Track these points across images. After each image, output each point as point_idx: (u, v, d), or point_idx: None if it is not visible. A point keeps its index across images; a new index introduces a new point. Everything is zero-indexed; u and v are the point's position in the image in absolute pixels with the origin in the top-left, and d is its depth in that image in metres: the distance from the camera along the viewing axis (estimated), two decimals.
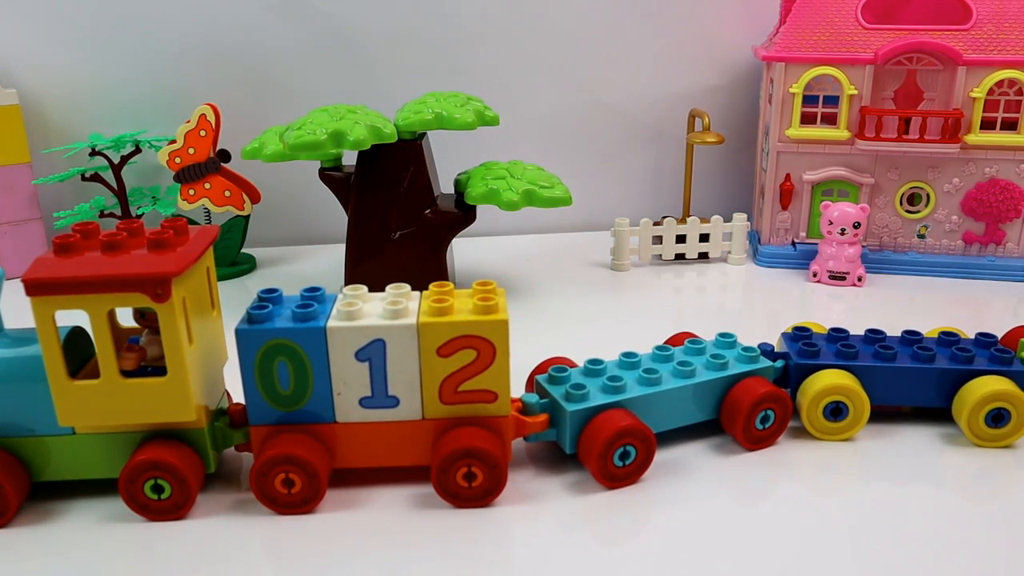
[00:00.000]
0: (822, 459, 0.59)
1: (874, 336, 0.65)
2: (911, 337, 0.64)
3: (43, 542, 0.51)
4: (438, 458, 0.52)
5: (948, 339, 0.64)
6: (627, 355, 0.61)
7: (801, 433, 0.62)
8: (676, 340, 0.67)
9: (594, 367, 0.59)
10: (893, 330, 0.66)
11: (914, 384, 0.61)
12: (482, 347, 0.52)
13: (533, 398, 0.57)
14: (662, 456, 0.59)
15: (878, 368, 0.61)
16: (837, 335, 0.66)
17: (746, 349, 0.62)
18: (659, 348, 0.63)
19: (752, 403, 0.58)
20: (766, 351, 0.64)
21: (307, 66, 1.07)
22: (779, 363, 0.62)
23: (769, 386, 0.59)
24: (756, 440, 0.59)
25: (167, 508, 0.52)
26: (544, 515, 0.53)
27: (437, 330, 0.52)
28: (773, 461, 0.59)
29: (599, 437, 0.54)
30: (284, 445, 0.52)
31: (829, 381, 0.60)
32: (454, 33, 1.08)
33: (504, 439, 0.54)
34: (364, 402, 0.53)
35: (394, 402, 0.53)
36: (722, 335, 0.64)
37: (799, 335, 0.66)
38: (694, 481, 0.56)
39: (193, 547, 0.51)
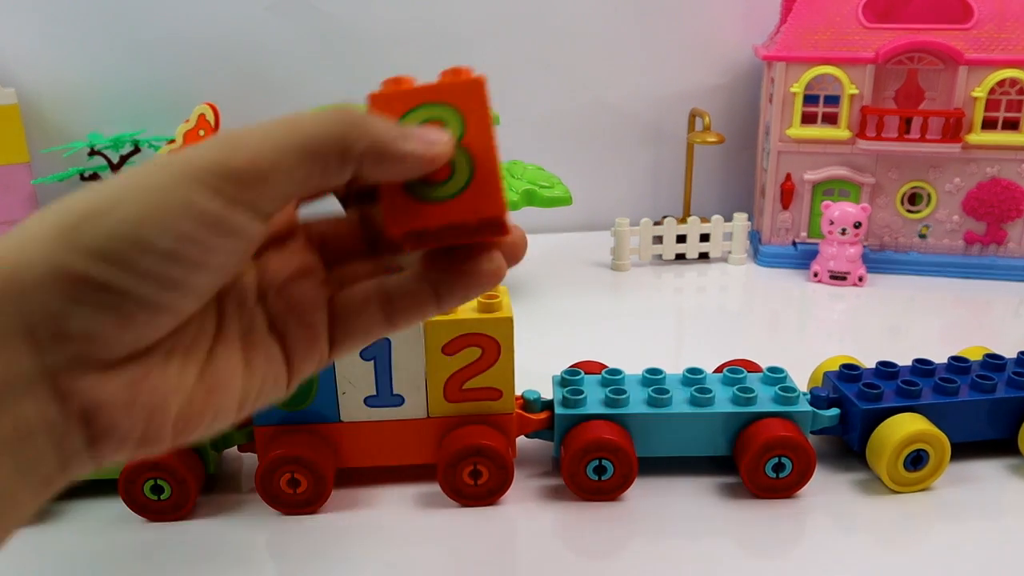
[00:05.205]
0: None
1: (924, 367, 0.59)
2: (959, 364, 0.59)
3: (43, 542, 0.51)
4: (446, 455, 0.52)
5: (996, 363, 0.60)
6: (651, 371, 0.58)
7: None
8: (732, 364, 0.61)
9: (612, 376, 0.58)
10: (897, 335, 0.64)
11: (981, 418, 0.57)
12: (487, 345, 0.52)
13: (535, 395, 0.57)
14: (677, 474, 0.57)
15: (948, 405, 0.56)
16: (886, 370, 0.59)
17: (785, 388, 0.55)
18: (689, 370, 0.58)
19: (762, 446, 0.52)
20: (819, 397, 0.57)
21: (307, 66, 1.06)
22: (833, 411, 0.56)
23: (792, 432, 0.53)
24: (768, 489, 0.54)
25: (166, 509, 0.52)
26: (548, 514, 0.53)
27: (442, 328, 0.52)
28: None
29: (574, 446, 0.53)
30: (290, 445, 0.52)
31: (910, 427, 0.53)
32: (454, 33, 1.07)
33: (510, 437, 0.54)
34: (369, 401, 0.53)
35: (399, 400, 0.53)
36: (771, 369, 0.58)
37: (849, 374, 0.58)
38: (698, 496, 0.56)
39: (194, 548, 0.50)
